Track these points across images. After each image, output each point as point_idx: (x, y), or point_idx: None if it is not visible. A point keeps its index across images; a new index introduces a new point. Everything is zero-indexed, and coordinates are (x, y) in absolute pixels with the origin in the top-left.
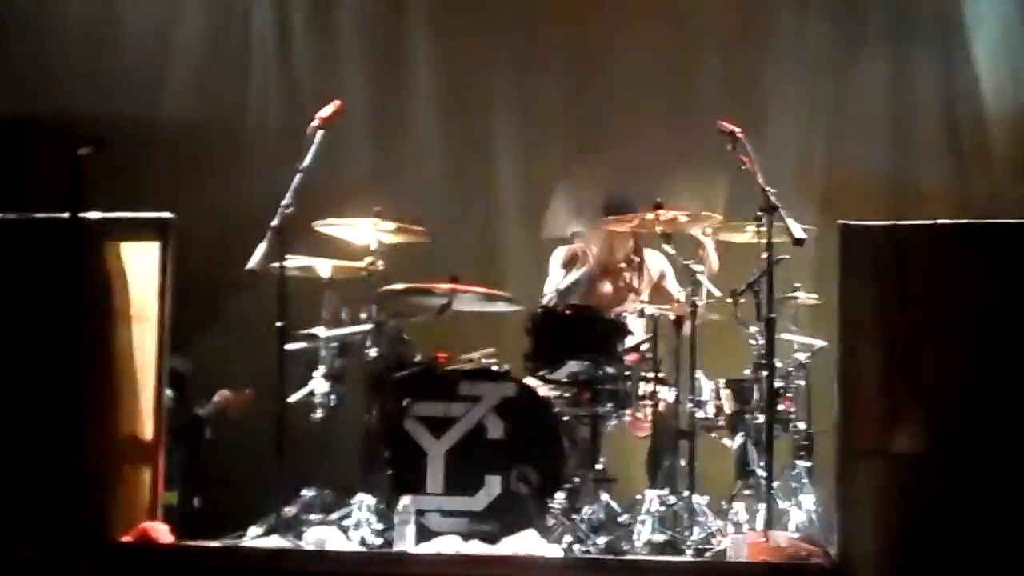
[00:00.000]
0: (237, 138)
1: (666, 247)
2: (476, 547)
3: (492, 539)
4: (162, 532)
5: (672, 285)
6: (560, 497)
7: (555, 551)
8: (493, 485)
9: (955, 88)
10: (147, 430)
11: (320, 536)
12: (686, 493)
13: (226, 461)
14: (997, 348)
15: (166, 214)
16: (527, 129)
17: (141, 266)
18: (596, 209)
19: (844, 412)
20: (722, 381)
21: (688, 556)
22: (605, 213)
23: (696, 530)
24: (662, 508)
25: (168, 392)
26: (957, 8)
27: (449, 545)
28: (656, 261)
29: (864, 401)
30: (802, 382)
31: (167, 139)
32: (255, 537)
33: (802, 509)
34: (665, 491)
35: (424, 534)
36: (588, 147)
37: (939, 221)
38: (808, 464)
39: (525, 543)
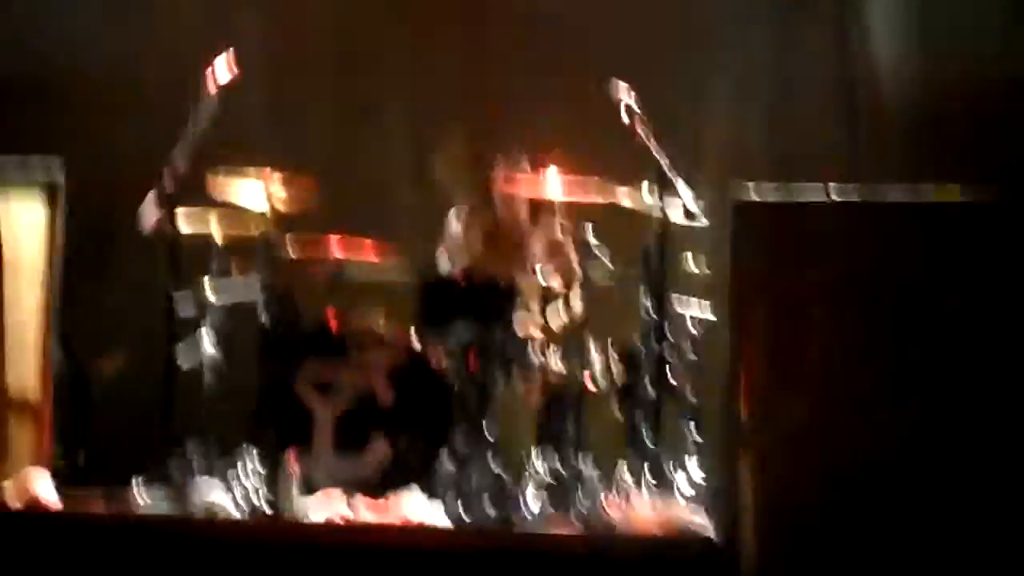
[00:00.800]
0: (131, 92)
1: (560, 217)
2: (361, 506)
3: (377, 499)
4: (46, 485)
5: (568, 252)
6: (448, 462)
7: (441, 517)
8: (379, 447)
9: (848, 58)
10: (33, 386)
11: (205, 494)
12: (575, 461)
13: (115, 418)
14: (885, 320)
15: (56, 166)
16: (420, 88)
17: (29, 219)
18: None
19: (733, 383)
20: (613, 351)
21: (576, 524)
22: (496, 171)
23: (584, 498)
24: (550, 475)
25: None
26: None
27: (335, 505)
28: (552, 228)
29: (753, 373)
30: (692, 354)
31: (59, 90)
32: (138, 488)
33: (690, 479)
34: (554, 458)
35: (310, 493)
36: (478, 107)
37: (829, 198)
38: (697, 434)
39: (409, 503)
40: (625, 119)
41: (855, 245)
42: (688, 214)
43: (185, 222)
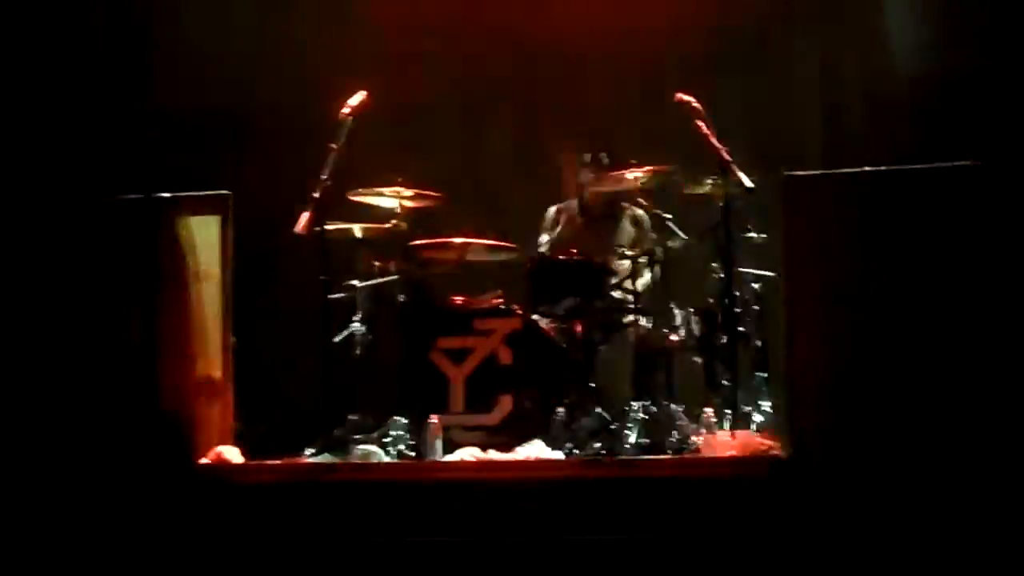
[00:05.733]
0: (287, 125)
1: (639, 200)
2: (493, 455)
3: (506, 448)
4: (233, 454)
5: (647, 230)
6: (560, 411)
7: (558, 456)
8: (505, 403)
9: (870, 57)
10: (217, 370)
11: (365, 451)
12: (665, 403)
13: (285, 394)
14: (910, 270)
15: (224, 192)
16: (524, 111)
17: (206, 235)
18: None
19: (790, 329)
20: (691, 309)
21: (668, 455)
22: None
23: (675, 433)
24: (646, 416)
25: (233, 339)
26: None
27: (470, 454)
28: (631, 212)
29: (806, 319)
30: (756, 307)
31: (229, 125)
32: (310, 456)
33: (761, 411)
34: (648, 402)
35: (449, 446)
36: (572, 119)
37: (863, 169)
38: (764, 374)
39: (533, 450)
40: (692, 121)
41: (883, 209)
42: (748, 191)
43: (333, 227)
